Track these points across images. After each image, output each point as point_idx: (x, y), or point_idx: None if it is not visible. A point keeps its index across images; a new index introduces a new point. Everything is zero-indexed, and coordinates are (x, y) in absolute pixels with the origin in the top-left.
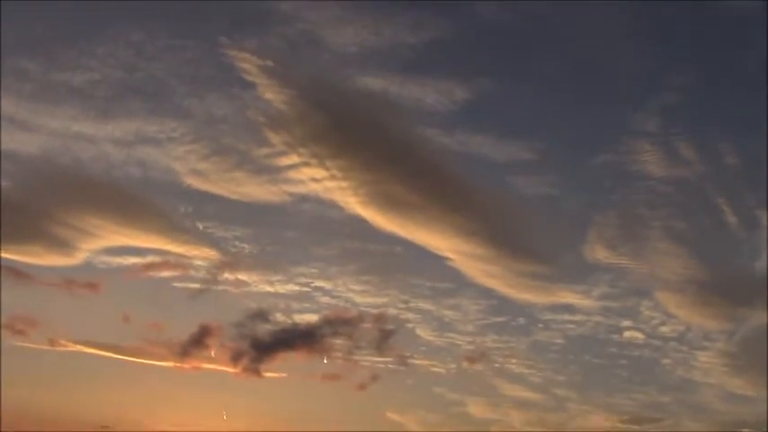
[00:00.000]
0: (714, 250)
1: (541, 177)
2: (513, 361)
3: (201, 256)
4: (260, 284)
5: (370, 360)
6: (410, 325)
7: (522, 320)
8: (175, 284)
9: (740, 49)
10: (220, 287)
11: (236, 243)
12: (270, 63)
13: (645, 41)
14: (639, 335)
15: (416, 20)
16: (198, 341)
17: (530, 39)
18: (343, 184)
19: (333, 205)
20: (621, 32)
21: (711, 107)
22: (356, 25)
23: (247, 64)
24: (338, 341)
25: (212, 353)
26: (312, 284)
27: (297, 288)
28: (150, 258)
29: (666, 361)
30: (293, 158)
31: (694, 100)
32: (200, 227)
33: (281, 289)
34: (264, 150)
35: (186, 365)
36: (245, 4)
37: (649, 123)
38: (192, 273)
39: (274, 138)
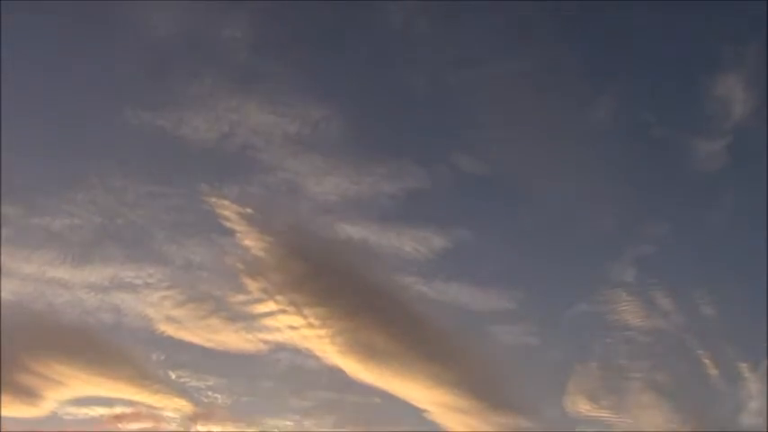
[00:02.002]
0: (696, 403)
1: (520, 327)
2: None
3: (173, 406)
4: None
5: None
6: None
7: None
8: None
9: (712, 201)
10: None
11: (210, 393)
12: (249, 210)
13: (620, 194)
14: None
15: (395, 170)
16: None
17: (507, 190)
18: (321, 332)
19: (310, 354)
20: (597, 185)
21: (687, 258)
22: (337, 174)
23: (227, 211)
24: None
25: None
26: None
27: None
28: (119, 409)
29: None
30: (270, 306)
31: (670, 251)
32: (173, 376)
33: None
34: (241, 297)
35: None
36: (228, 153)
37: (626, 274)
38: (164, 425)
39: (251, 285)
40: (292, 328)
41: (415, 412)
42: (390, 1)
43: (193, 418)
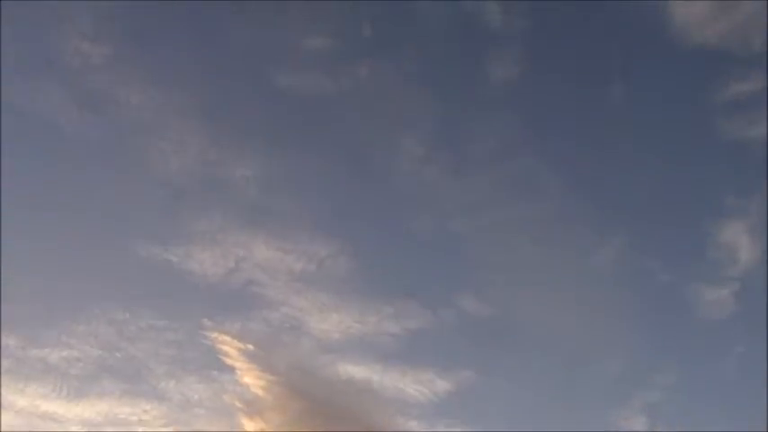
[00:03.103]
0: None
1: None
2: None
3: None
4: None
5: None
6: None
7: None
8: None
9: (720, 350)
10: None
11: None
12: (250, 347)
13: (626, 340)
14: None
15: (400, 310)
16: None
17: (512, 333)
18: None
19: None
20: (603, 331)
21: (695, 406)
22: (341, 313)
23: (228, 347)
24: None
25: None
26: None
27: None
28: None
29: None
30: None
31: (678, 399)
32: None
33: None
34: None
35: None
36: (232, 288)
37: (635, 421)
38: None
39: (249, 424)
40: None
41: None
42: (397, 154)
43: None
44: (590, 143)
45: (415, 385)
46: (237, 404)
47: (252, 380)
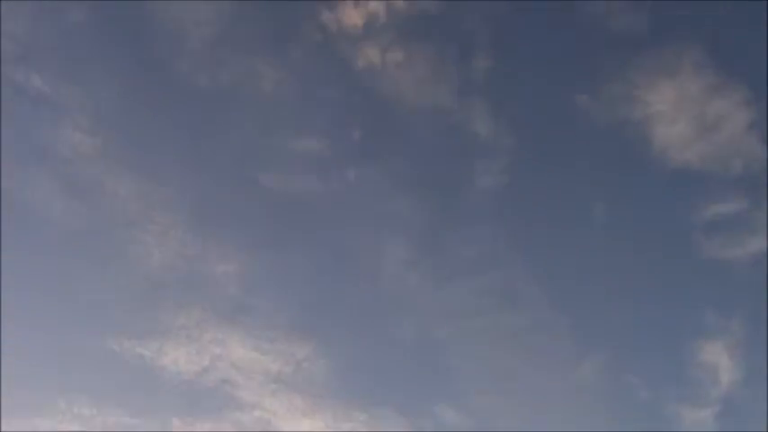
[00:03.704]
0: None
1: None
2: None
3: None
4: None
5: None
6: None
7: None
8: None
9: None
10: None
11: None
12: None
13: None
14: None
15: (375, 417)
16: None
17: None
18: None
19: None
20: None
21: None
22: (315, 418)
23: None
24: None
25: None
26: None
27: None
28: None
29: None
30: None
31: None
32: None
33: None
34: None
35: None
36: (205, 387)
37: None
38: None
39: None
40: None
41: None
42: (381, 258)
43: None
44: (573, 258)
45: None
46: None
47: None
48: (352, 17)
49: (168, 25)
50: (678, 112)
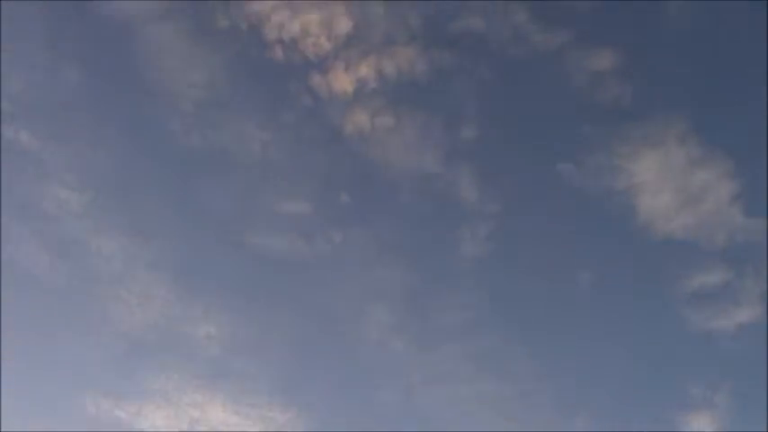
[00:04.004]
0: None
1: None
2: None
3: None
4: None
5: None
6: None
7: None
8: None
9: None
10: None
11: None
12: None
13: None
14: None
15: None
16: None
17: None
18: None
19: None
20: None
21: None
22: None
23: None
24: None
25: None
26: None
27: None
28: None
29: None
30: None
31: None
32: None
33: None
34: None
35: None
36: None
37: None
38: None
39: None
40: None
41: None
42: (365, 323)
43: None
44: (557, 326)
45: None
46: None
47: None
48: (343, 82)
49: (161, 86)
50: (662, 182)
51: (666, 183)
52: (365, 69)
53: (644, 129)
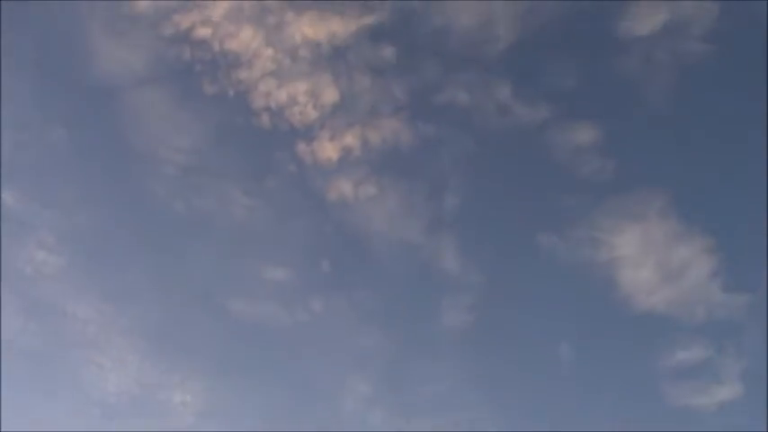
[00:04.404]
0: None
1: None
2: None
3: None
4: None
5: None
6: None
7: None
8: None
9: None
10: None
11: None
12: None
13: None
14: None
15: None
16: None
17: None
18: None
19: None
20: None
21: None
22: None
23: None
24: None
25: None
26: None
27: None
28: None
29: None
30: None
31: None
32: None
33: None
34: None
35: None
36: None
37: None
38: None
39: None
40: None
41: None
42: (344, 392)
43: None
44: (537, 399)
45: None
46: None
47: None
48: (327, 150)
49: (147, 150)
50: (643, 256)
51: (647, 257)
52: (350, 138)
53: (625, 203)
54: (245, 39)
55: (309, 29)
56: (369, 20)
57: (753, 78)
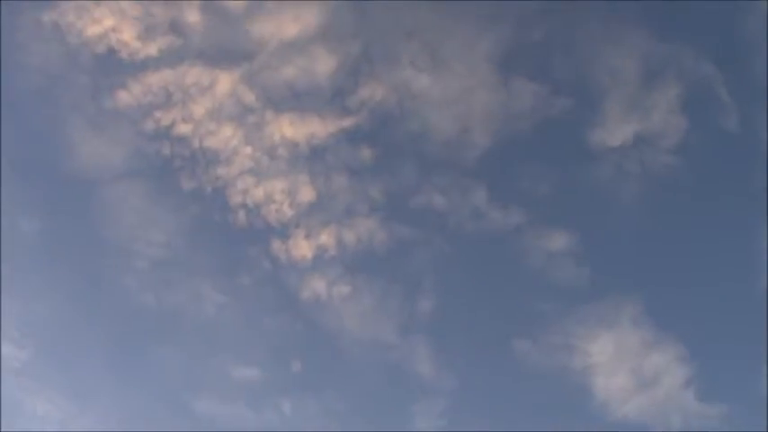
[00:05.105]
0: None
1: None
2: None
3: None
4: None
5: None
6: None
7: None
8: None
9: None
10: None
11: None
12: None
13: None
14: None
15: None
16: None
17: None
18: None
19: None
20: None
21: None
22: None
23: None
24: None
25: None
26: None
27: None
28: None
29: None
30: None
31: None
32: None
33: None
34: None
35: None
36: None
37: None
38: None
39: None
40: None
41: None
42: None
43: None
44: None
45: None
46: None
47: None
48: (302, 249)
49: (119, 243)
50: (617, 364)
51: (621, 364)
52: (325, 237)
53: (599, 309)
54: (225, 136)
55: (289, 129)
56: (347, 122)
57: (720, 188)
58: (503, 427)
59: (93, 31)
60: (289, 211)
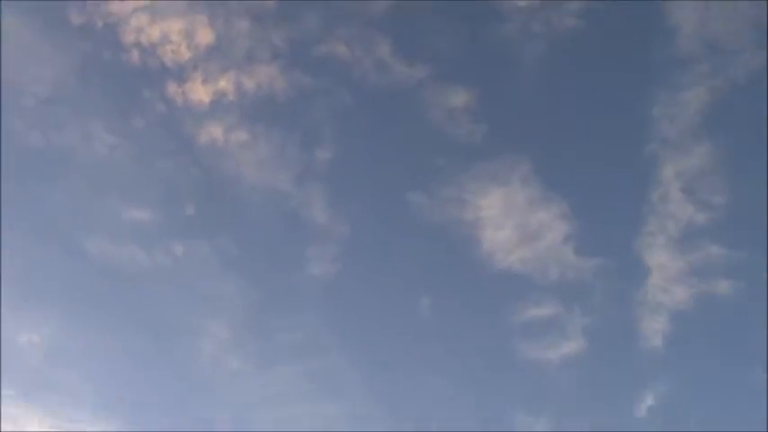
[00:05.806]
0: None
1: None
2: None
3: None
4: None
5: None
6: None
7: None
8: None
9: None
10: None
11: None
12: None
13: None
14: None
15: None
16: None
17: None
18: None
19: None
20: None
21: None
22: None
23: None
24: None
25: None
26: None
27: None
28: None
29: None
30: None
31: None
32: None
33: None
34: None
35: None
36: None
37: None
38: None
39: None
40: None
41: None
42: (202, 337)
43: None
44: (395, 350)
45: None
46: None
47: None
48: (200, 93)
49: (5, 80)
50: (505, 218)
51: (508, 219)
52: (224, 83)
53: (491, 167)
54: None
55: None
56: None
57: (619, 57)
58: (392, 274)
59: None
60: (186, 54)
